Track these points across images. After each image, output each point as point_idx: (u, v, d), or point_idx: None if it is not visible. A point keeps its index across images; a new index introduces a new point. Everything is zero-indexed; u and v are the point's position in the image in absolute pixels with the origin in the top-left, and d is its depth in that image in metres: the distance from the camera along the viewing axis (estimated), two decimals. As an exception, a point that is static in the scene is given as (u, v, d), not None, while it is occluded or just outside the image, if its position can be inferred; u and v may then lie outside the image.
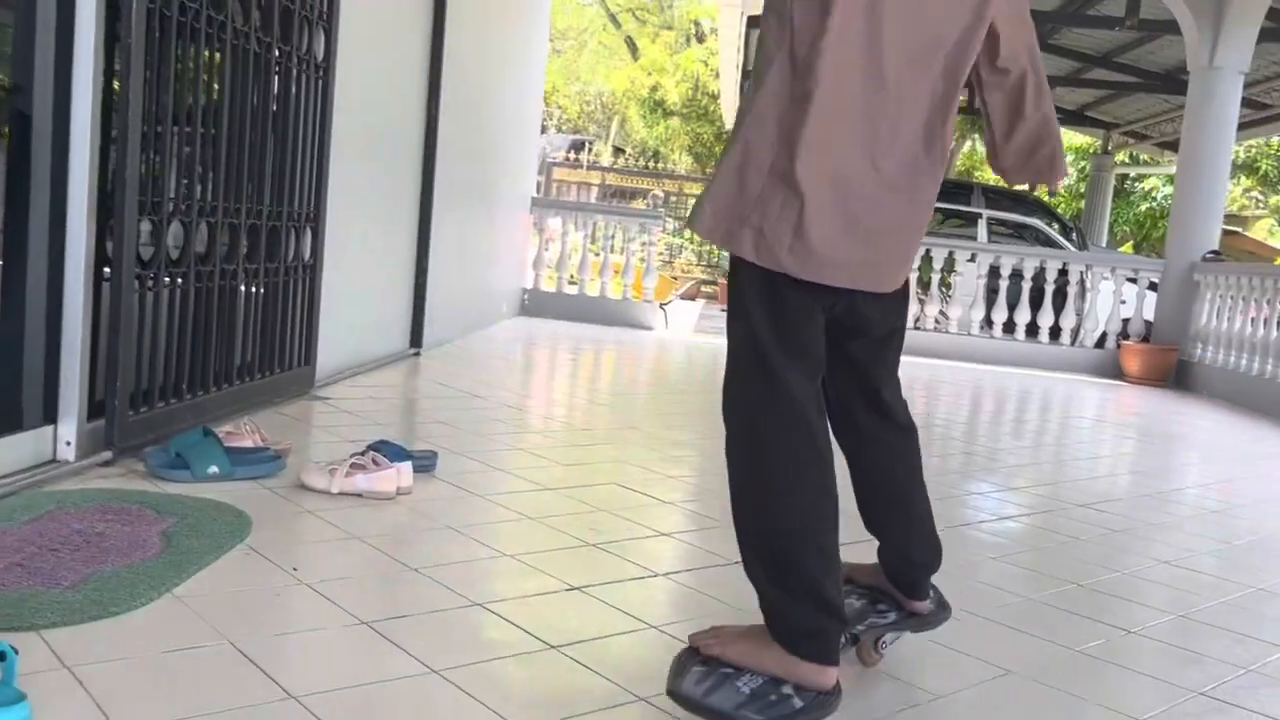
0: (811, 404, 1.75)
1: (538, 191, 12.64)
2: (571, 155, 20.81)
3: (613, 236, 9.92)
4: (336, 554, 2.48)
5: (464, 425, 4.16)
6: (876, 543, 2.11)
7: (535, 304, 9.53)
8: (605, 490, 3.37)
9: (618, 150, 25.22)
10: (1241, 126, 11.08)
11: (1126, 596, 2.82)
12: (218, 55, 3.47)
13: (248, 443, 3.14)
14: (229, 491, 2.80)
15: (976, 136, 21.88)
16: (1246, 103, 11.29)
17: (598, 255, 10.08)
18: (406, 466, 3.01)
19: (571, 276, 9.72)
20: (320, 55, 4.17)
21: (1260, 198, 22.94)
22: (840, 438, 2.00)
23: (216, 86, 3.49)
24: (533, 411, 4.95)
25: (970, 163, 24.50)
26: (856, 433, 2.02)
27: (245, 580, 2.22)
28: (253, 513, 2.63)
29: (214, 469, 2.90)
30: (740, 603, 2.39)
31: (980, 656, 2.22)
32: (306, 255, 4.22)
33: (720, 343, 7.91)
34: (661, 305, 10.06)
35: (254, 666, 1.80)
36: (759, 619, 1.84)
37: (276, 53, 3.79)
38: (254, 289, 3.83)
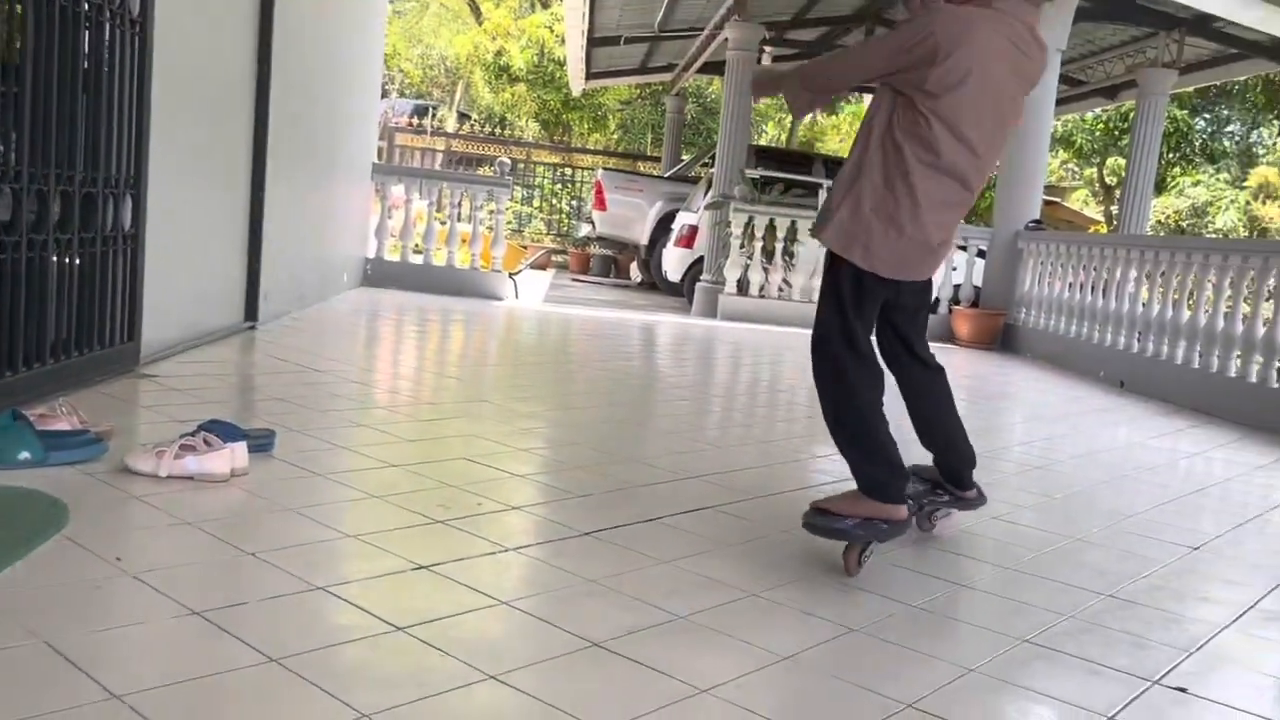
0: (869, 348, 2.73)
1: (380, 158, 12.25)
2: (415, 120, 20.27)
3: (459, 204, 9.70)
4: (165, 541, 2.34)
5: (304, 402, 4.00)
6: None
7: (379, 274, 9.26)
8: (454, 465, 3.31)
9: (463, 116, 24.70)
10: (1059, 102, 11.71)
11: (959, 552, 2.95)
12: (19, 7, 3.19)
13: (64, 425, 2.93)
14: (44, 478, 2.61)
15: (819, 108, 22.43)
16: (1064, 79, 11.94)
17: (444, 224, 9.86)
18: (241, 446, 2.87)
19: (416, 245, 9.48)
20: (135, 9, 3.89)
21: (1076, 170, 24.40)
22: (895, 376, 2.95)
23: (19, 43, 3.21)
24: (378, 386, 4.81)
25: (811, 134, 25.11)
26: (902, 372, 2.98)
27: (62, 573, 2.07)
28: (71, 500, 2.46)
29: (25, 455, 2.69)
30: (591, 574, 2.39)
31: (825, 616, 2.29)
32: (127, 224, 3.96)
33: (573, 313, 7.93)
34: (511, 275, 9.94)
35: (72, 666, 1.68)
36: (613, 590, 2.11)
37: (86, 6, 3.51)
38: (68, 260, 3.57)
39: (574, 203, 19.63)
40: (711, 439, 4.29)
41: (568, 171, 20.24)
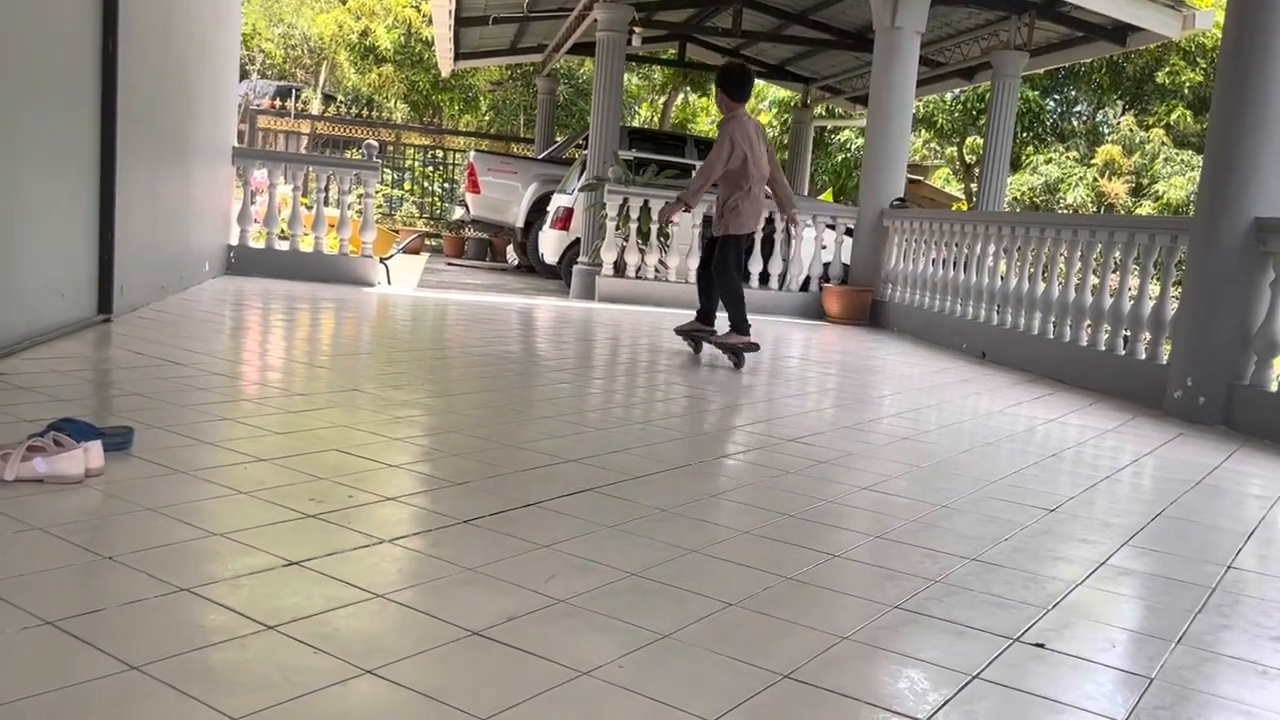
0: (740, 266, 6.37)
1: (240, 141, 11.80)
2: (278, 103, 19.59)
3: (326, 188, 9.43)
4: (12, 549, 2.21)
5: (164, 397, 3.83)
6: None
7: (243, 262, 8.94)
8: (326, 457, 3.22)
9: (328, 98, 23.98)
10: (921, 83, 12.07)
11: (832, 523, 3.03)
12: None
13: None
14: (-127, 488, 2.43)
15: (689, 88, 22.59)
16: (924, 61, 12.31)
17: (310, 208, 9.57)
18: (96, 445, 2.74)
19: (282, 231, 9.18)
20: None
21: (937, 149, 25.24)
22: (705, 273, 6.56)
23: None
24: (244, 378, 4.65)
25: (683, 115, 25.29)
26: (707, 272, 6.50)
27: (-103, 589, 1.94)
28: (-95, 511, 2.30)
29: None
30: (470, 562, 2.36)
31: (703, 593, 2.32)
32: (-39, 213, 3.71)
33: (448, 297, 7.85)
34: (382, 260, 9.73)
35: (-90, 688, 1.57)
36: (492, 577, 2.16)
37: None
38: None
39: (447, 185, 19.32)
40: (591, 421, 4.29)
41: (439, 154, 19.91)
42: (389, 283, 9.72)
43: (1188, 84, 20.00)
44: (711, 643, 2.05)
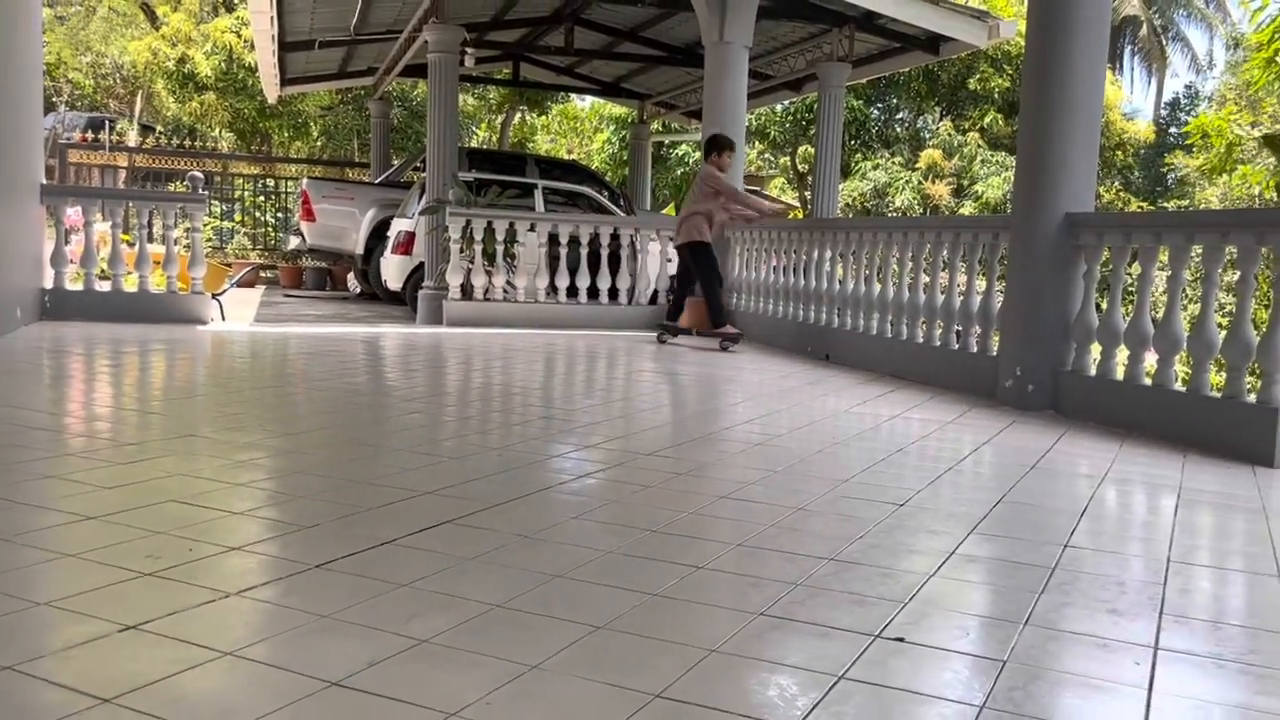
0: (718, 271, 8.98)
1: (50, 177, 11.10)
2: (90, 135, 18.55)
3: (149, 224, 8.97)
4: None
5: (-24, 457, 3.54)
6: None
7: (60, 306, 8.40)
8: (163, 510, 3.04)
9: (146, 128, 22.84)
10: (752, 96, 12.41)
11: (695, 535, 3.05)
12: None
13: None
14: None
15: (525, 107, 22.56)
16: (753, 74, 12.66)
17: (133, 245, 9.08)
18: (-104, 518, 2.50)
19: (102, 271, 8.68)
20: None
21: (772, 159, 25.98)
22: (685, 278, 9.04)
23: None
24: (68, 430, 4.35)
25: (522, 134, 25.25)
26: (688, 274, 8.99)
27: None
28: None
29: None
30: (325, 609, 2.26)
31: (572, 619, 2.28)
32: None
33: (289, 331, 7.58)
34: (215, 296, 9.31)
35: None
36: (349, 623, 2.10)
37: None
38: None
39: (280, 215, 18.70)
40: (446, 450, 4.19)
41: (270, 183, 19.25)
42: (223, 319, 9.31)
43: (997, 89, 21.24)
44: (581, 669, 2.02)
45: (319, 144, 22.69)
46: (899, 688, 2.01)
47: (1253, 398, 4.62)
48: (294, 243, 14.97)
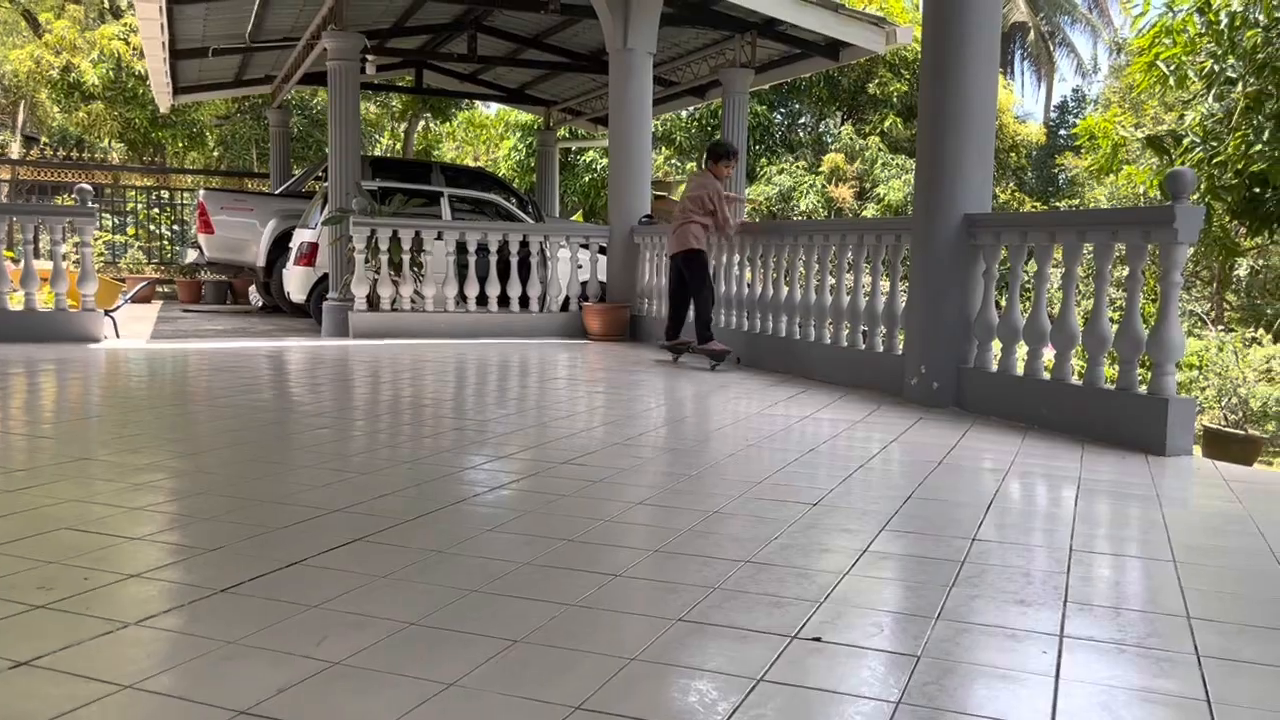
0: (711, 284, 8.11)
1: (-73, 192, 10.58)
2: (-31, 148, 17.72)
3: (35, 240, 8.60)
4: None
5: None
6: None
7: (-59, 327, 7.99)
8: (55, 538, 2.91)
9: (30, 140, 21.93)
10: (657, 102, 12.47)
11: (612, 543, 3.04)
12: None
13: None
14: None
15: (429, 115, 22.29)
16: (658, 80, 12.72)
17: (17, 262, 8.70)
18: None
19: (-13, 290, 8.28)
20: None
21: (678, 165, 26.15)
22: (677, 290, 8.05)
23: None
24: (-51, 457, 4.13)
25: (426, 141, 24.95)
26: (683, 288, 7.97)
27: None
28: None
29: None
30: (232, 635, 2.19)
31: (489, 634, 2.25)
32: None
33: (188, 347, 7.35)
34: (108, 312, 8.97)
35: None
36: (258, 648, 2.05)
37: None
38: None
39: (176, 228, 18.14)
40: (356, 466, 4.11)
41: (165, 194, 18.66)
42: (117, 336, 8.98)
43: (896, 94, 21.72)
44: (499, 684, 2.00)
45: (215, 154, 22.07)
46: (817, 688, 2.03)
47: (1144, 389, 4.81)
48: (191, 256, 14.52)
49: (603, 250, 10.44)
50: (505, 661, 2.11)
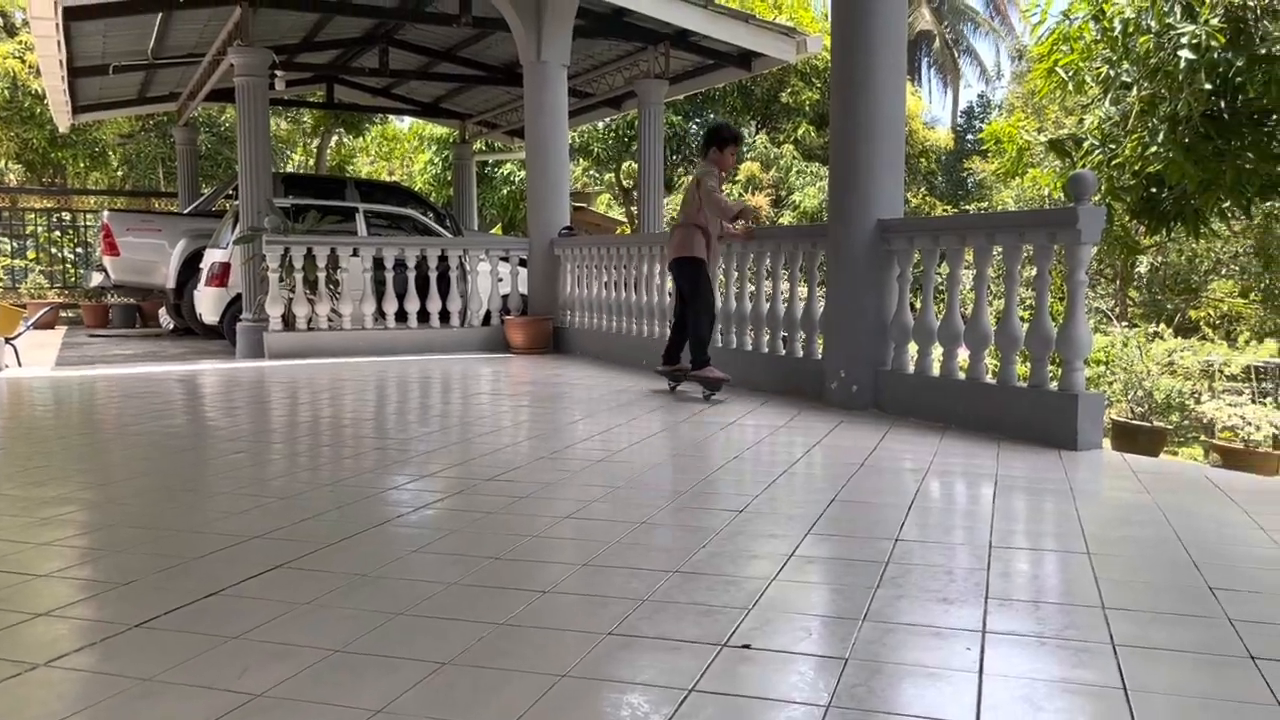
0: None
1: None
2: None
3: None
4: None
5: None
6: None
7: None
8: (-45, 579, 2.78)
9: (-79, 163, 21.02)
10: (573, 113, 12.48)
11: (539, 559, 3.02)
12: None
13: None
14: None
15: (342, 130, 21.97)
16: (574, 92, 12.74)
17: (-90, 291, 8.34)
18: None
19: (-124, 321, 7.92)
20: None
21: (597, 175, 26.19)
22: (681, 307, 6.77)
23: None
24: None
25: (340, 156, 24.58)
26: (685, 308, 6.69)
27: None
28: None
29: None
30: (147, 672, 2.12)
31: (416, 657, 2.22)
32: None
33: (96, 374, 7.07)
34: (8, 340, 8.65)
35: None
36: (175, 684, 1.99)
37: None
38: None
39: (79, 250, 17.55)
40: (275, 490, 4.01)
41: (66, 216, 18.06)
42: (19, 365, 8.66)
43: (808, 102, 22.08)
44: (427, 709, 1.97)
45: (120, 174, 21.43)
46: (748, 695, 2.04)
47: (1055, 385, 4.95)
48: (97, 279, 14.06)
49: (523, 263, 10.40)
50: (433, 685, 2.08)
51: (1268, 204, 11.18)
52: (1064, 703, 2.03)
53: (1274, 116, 8.46)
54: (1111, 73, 8.93)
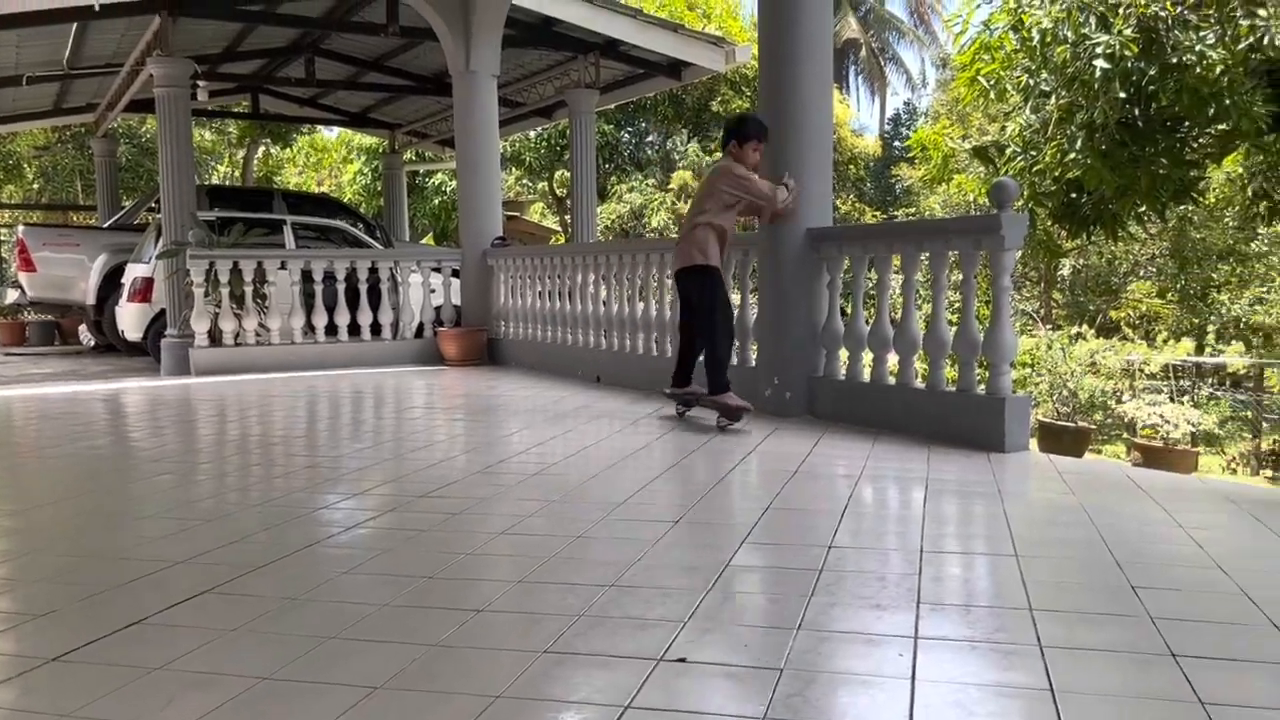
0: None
1: None
2: None
3: None
4: None
5: None
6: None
7: None
8: None
9: None
10: (504, 123, 12.43)
11: (473, 576, 2.98)
12: None
13: None
14: None
15: (269, 140, 21.60)
16: (504, 101, 12.69)
17: None
18: None
19: None
20: None
21: (530, 184, 26.11)
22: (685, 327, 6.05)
23: None
24: None
25: (267, 168, 24.17)
26: (688, 326, 5.99)
27: None
28: None
29: None
30: (65, 707, 2.05)
31: (347, 682, 2.18)
32: None
33: (12, 394, 6.80)
34: (-81, 362, 8.32)
35: None
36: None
37: None
38: None
39: (-6, 267, 17.00)
40: (202, 513, 3.91)
41: (-20, 231, 17.47)
42: (-69, 386, 8.34)
43: (738, 110, 22.28)
44: (360, 736, 1.93)
45: (35, 187, 20.83)
46: (685, 710, 2.04)
47: (983, 389, 5.04)
48: (12, 296, 13.63)
49: (456, 274, 10.31)
50: (365, 710, 2.04)
51: (1181, 208, 11.56)
52: (995, 706, 2.06)
53: (1186, 124, 8.74)
54: (1031, 81, 9.15)
